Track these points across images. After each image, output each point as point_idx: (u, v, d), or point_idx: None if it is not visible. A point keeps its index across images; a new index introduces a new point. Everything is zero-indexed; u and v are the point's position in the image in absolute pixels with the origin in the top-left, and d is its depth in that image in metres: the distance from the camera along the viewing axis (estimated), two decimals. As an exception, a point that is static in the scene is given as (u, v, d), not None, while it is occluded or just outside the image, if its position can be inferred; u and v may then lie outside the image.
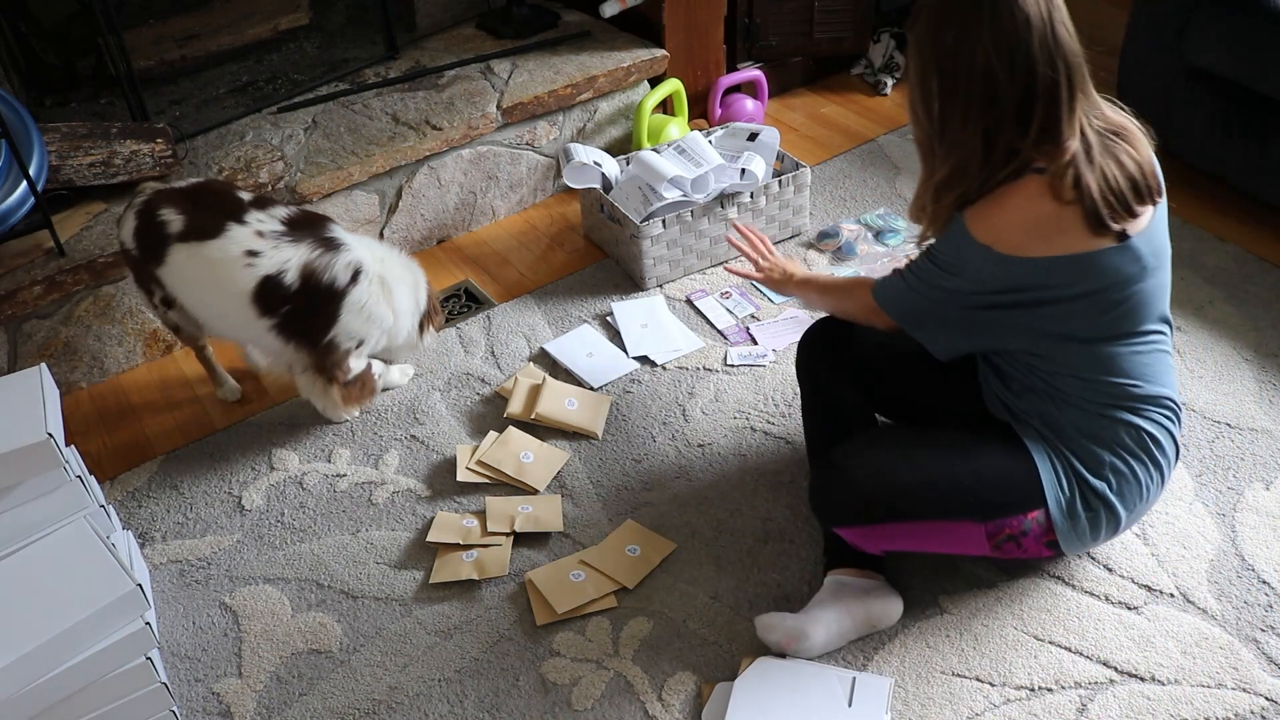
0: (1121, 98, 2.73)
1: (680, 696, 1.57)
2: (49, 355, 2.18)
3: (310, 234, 1.89)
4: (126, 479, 2.02)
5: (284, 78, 2.74)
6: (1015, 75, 1.35)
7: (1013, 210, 1.40)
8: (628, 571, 1.75)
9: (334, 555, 1.84)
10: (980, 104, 1.37)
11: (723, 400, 2.11)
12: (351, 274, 1.90)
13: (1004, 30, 1.33)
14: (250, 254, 1.84)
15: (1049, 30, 1.35)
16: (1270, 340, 2.15)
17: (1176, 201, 2.60)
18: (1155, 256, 1.44)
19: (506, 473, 1.94)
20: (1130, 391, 1.50)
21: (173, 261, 1.87)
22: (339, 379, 1.98)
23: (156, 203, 1.88)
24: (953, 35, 1.36)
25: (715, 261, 2.47)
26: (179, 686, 1.64)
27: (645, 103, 2.70)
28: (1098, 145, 1.40)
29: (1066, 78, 1.36)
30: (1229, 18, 2.36)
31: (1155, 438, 1.52)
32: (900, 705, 1.54)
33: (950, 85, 1.39)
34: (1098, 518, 1.52)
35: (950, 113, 1.41)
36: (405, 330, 2.04)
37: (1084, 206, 1.37)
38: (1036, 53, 1.34)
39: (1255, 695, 1.52)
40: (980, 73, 1.35)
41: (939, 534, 1.55)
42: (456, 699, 1.59)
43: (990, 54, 1.34)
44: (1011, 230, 1.40)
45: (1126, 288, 1.43)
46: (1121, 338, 1.47)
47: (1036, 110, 1.36)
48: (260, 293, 1.85)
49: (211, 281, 1.86)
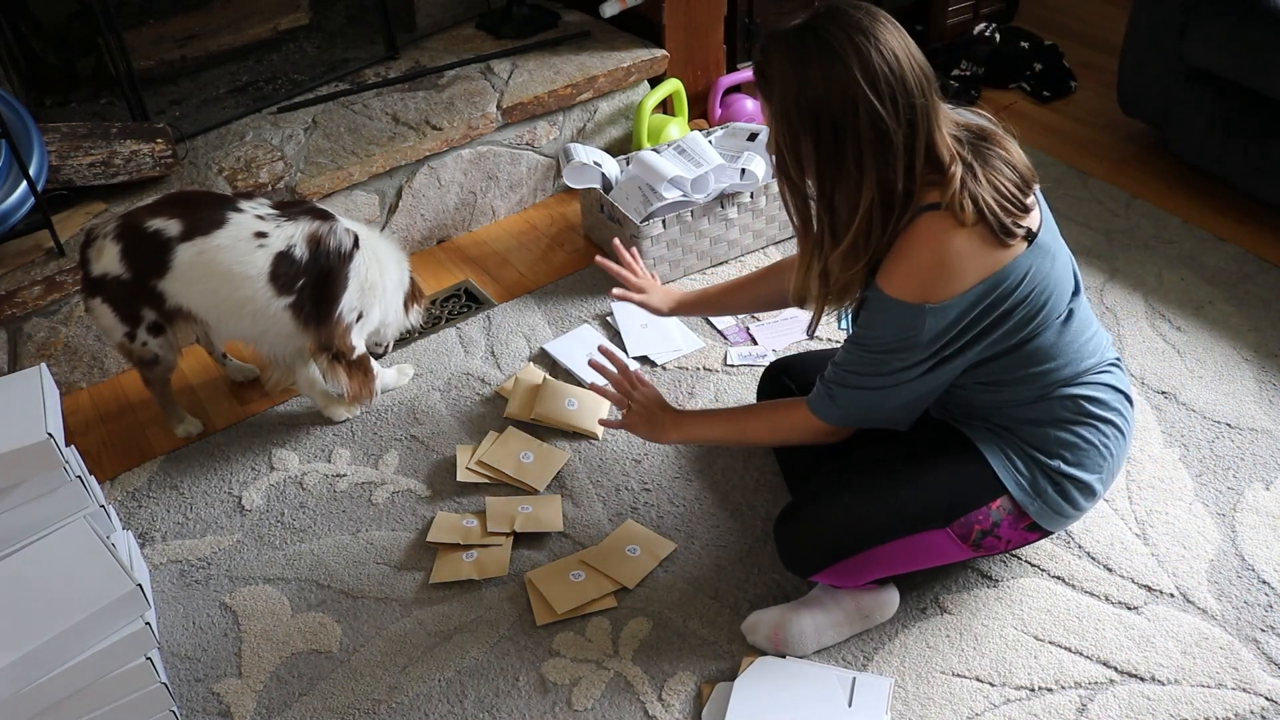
0: (1121, 98, 2.77)
1: (680, 696, 1.57)
2: (49, 355, 2.18)
3: (303, 210, 1.93)
4: (126, 479, 2.02)
5: (284, 78, 2.74)
6: (900, 114, 1.28)
7: (926, 255, 1.32)
8: (628, 571, 1.75)
9: (334, 555, 1.84)
10: (872, 153, 1.30)
11: (723, 400, 2.10)
12: (353, 239, 1.94)
13: (878, 70, 1.27)
14: (259, 235, 1.86)
15: (913, 59, 1.30)
16: (1270, 340, 2.15)
17: (1177, 201, 2.61)
18: (1055, 239, 1.41)
19: (506, 473, 1.94)
20: (1060, 374, 1.46)
21: (179, 265, 1.84)
22: (347, 354, 1.99)
23: (135, 220, 1.84)
24: (821, 88, 1.28)
25: (715, 261, 2.47)
26: (179, 686, 1.64)
27: (645, 103, 2.70)
28: (975, 159, 1.35)
29: (933, 100, 1.32)
30: (1229, 18, 2.36)
31: (1093, 398, 1.48)
32: (900, 705, 1.54)
33: (831, 140, 1.30)
34: (1065, 490, 1.49)
35: (837, 171, 1.32)
36: (394, 307, 2.08)
37: (988, 223, 1.31)
38: (913, 85, 1.28)
39: (1255, 695, 1.52)
40: (864, 120, 1.28)
41: (910, 550, 1.53)
42: (456, 699, 1.59)
43: (871, 98, 1.27)
44: (936, 276, 1.32)
45: (1047, 281, 1.39)
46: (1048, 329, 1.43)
47: (921, 144, 1.30)
48: (276, 271, 1.86)
49: (226, 273, 1.85)
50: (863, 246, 1.36)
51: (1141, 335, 2.19)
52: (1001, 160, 1.36)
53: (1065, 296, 1.43)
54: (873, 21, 1.30)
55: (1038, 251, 1.36)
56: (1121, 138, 2.88)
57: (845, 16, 1.30)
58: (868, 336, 1.41)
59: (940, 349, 1.38)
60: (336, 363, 1.99)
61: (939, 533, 1.50)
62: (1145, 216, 2.56)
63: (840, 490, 1.56)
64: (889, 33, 1.29)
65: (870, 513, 1.52)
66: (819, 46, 1.28)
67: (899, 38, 1.30)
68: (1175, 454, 1.91)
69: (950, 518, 1.49)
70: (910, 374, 1.40)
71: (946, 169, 1.32)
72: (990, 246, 1.32)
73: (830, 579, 1.59)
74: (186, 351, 2.32)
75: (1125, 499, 1.83)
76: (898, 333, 1.37)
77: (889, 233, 1.35)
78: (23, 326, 2.13)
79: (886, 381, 1.42)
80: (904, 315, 1.35)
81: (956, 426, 1.54)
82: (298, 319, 1.92)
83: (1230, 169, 2.49)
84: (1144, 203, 2.60)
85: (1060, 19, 3.57)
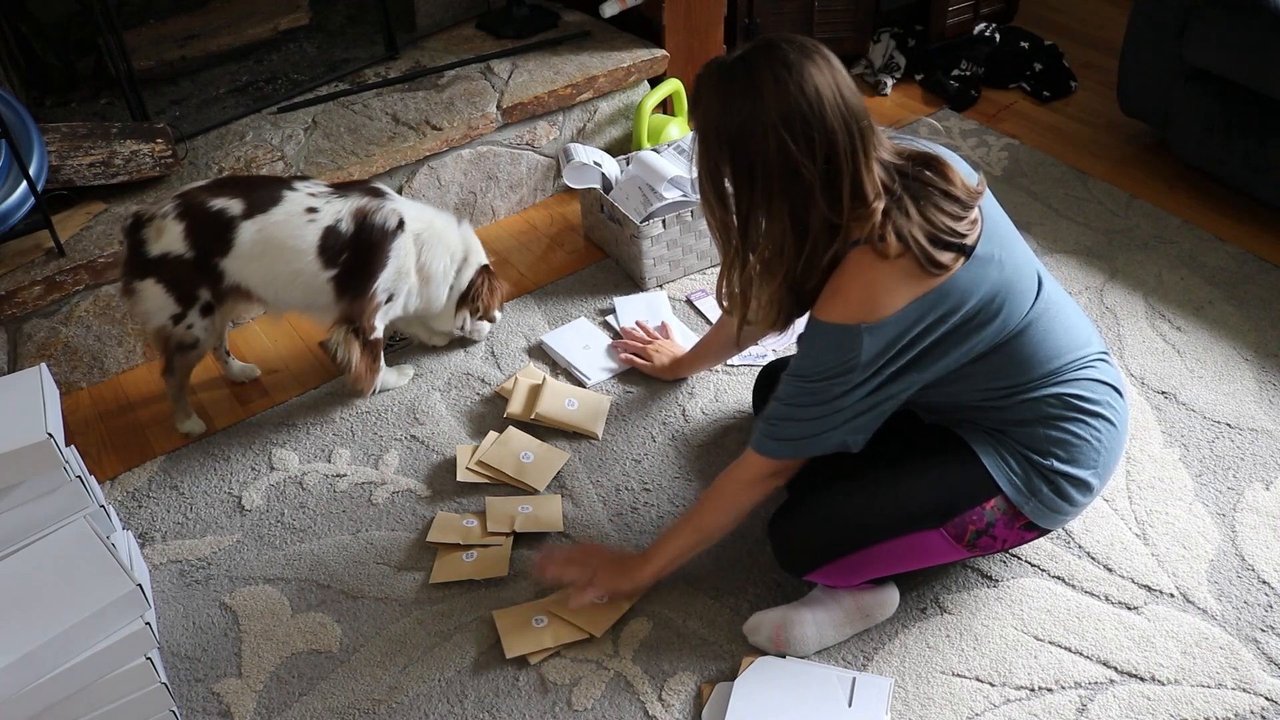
0: (1121, 98, 2.77)
1: (680, 696, 1.57)
2: (49, 355, 2.18)
3: (358, 189, 2.03)
4: (126, 479, 2.02)
5: (284, 78, 2.74)
6: (816, 151, 1.29)
7: (856, 287, 1.34)
8: (595, 619, 1.67)
9: (334, 555, 1.84)
10: (781, 186, 1.31)
11: (723, 400, 2.11)
12: (397, 221, 2.01)
13: (794, 107, 1.27)
14: (310, 210, 1.94)
15: (838, 95, 1.29)
16: (1270, 340, 2.15)
17: (1177, 201, 2.61)
18: (1000, 245, 1.40)
19: (506, 473, 1.94)
20: (1036, 373, 1.46)
21: (242, 241, 1.90)
22: (366, 333, 2.04)
23: (197, 199, 1.89)
24: (739, 115, 1.29)
25: (715, 261, 2.47)
26: (179, 686, 1.64)
27: (645, 103, 2.70)
28: (905, 190, 1.35)
29: (862, 141, 1.31)
30: (1229, 18, 2.36)
31: (1078, 395, 1.48)
32: (900, 705, 1.54)
33: (745, 171, 1.32)
34: (1060, 487, 1.49)
35: (750, 198, 1.35)
36: (439, 299, 2.14)
37: (913, 255, 1.32)
38: (831, 122, 1.28)
39: (1255, 695, 1.52)
40: (774, 154, 1.29)
41: (904, 551, 1.53)
42: (456, 699, 1.59)
43: (783, 133, 1.27)
44: (867, 302, 1.33)
45: (996, 289, 1.38)
46: (1015, 333, 1.43)
47: (844, 181, 1.31)
48: (324, 244, 1.94)
49: (281, 248, 1.92)
50: (777, 268, 1.39)
51: (1141, 335, 2.19)
52: (939, 190, 1.36)
53: (1023, 299, 1.42)
54: (802, 57, 1.29)
55: (977, 263, 1.36)
56: (1121, 138, 2.88)
57: (775, 51, 1.30)
58: (807, 366, 1.42)
59: (881, 368, 1.38)
60: (354, 337, 2.04)
61: (933, 533, 1.51)
62: (1145, 216, 2.56)
63: (834, 490, 1.56)
64: (817, 69, 1.29)
65: (864, 513, 1.52)
66: (744, 79, 1.30)
67: (828, 75, 1.30)
68: (1175, 454, 1.92)
69: (944, 518, 1.50)
70: (852, 397, 1.40)
71: (870, 203, 1.33)
72: (918, 276, 1.33)
73: (825, 578, 1.59)
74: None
75: (1125, 499, 1.83)
76: (836, 356, 1.37)
77: (805, 259, 1.37)
78: (23, 326, 2.13)
79: (828, 410, 1.41)
80: (841, 338, 1.36)
81: (952, 428, 1.55)
82: (337, 290, 1.99)
83: (1230, 169, 2.49)
84: (1144, 203, 2.60)
85: (1060, 19, 3.57)
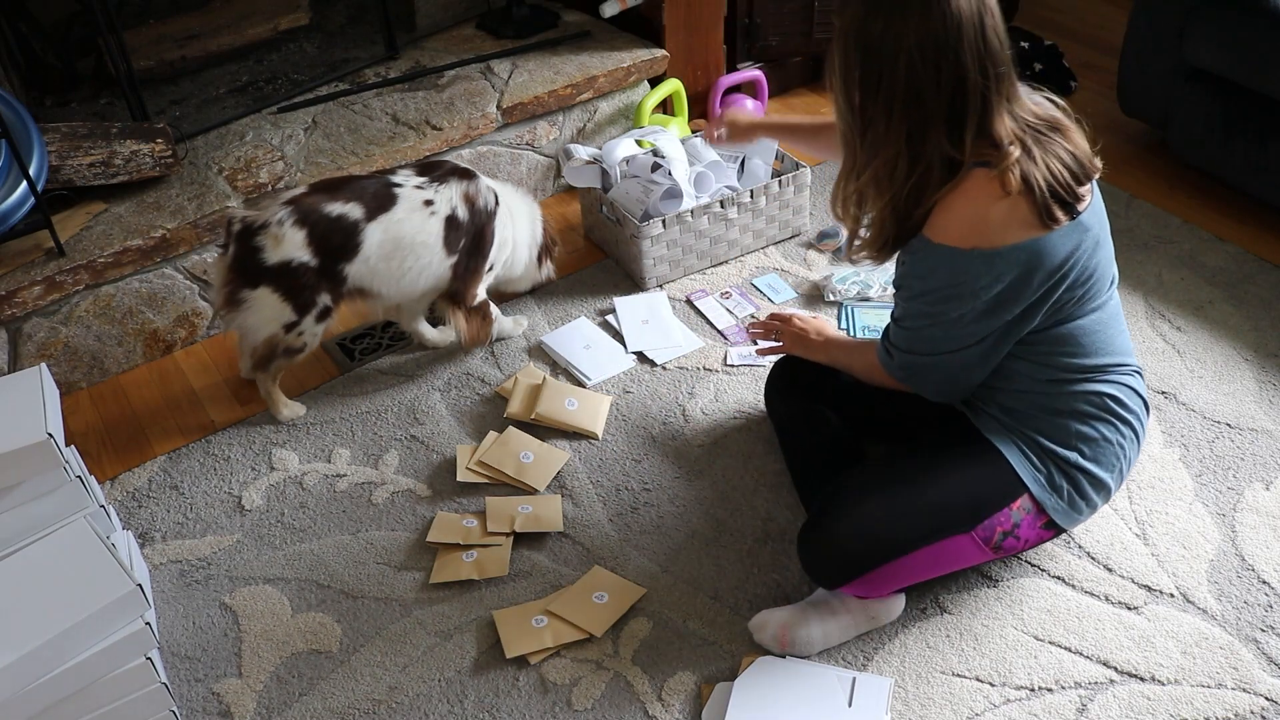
0: (1121, 98, 2.77)
1: (680, 696, 1.57)
2: (49, 355, 2.18)
3: (448, 171, 2.03)
4: (126, 479, 2.02)
5: (284, 78, 2.74)
6: (942, 79, 1.29)
7: (970, 209, 1.35)
8: (594, 619, 1.68)
9: (334, 555, 1.84)
10: (903, 106, 1.31)
11: (723, 400, 2.11)
12: (494, 198, 2.07)
13: (933, 31, 1.28)
14: (428, 203, 1.97)
15: (979, 35, 1.29)
16: (1270, 340, 2.15)
17: (1177, 201, 2.61)
18: (1101, 226, 1.44)
19: (506, 473, 1.94)
20: (1085, 364, 1.48)
21: (369, 244, 1.91)
22: (469, 302, 2.09)
23: (312, 205, 1.87)
24: (879, 28, 1.30)
25: (715, 261, 2.47)
26: (179, 686, 1.64)
27: (645, 103, 2.70)
28: (1035, 145, 1.36)
29: (996, 84, 1.32)
30: (1229, 18, 2.36)
31: (1116, 398, 1.50)
32: (900, 705, 1.54)
33: (873, 80, 1.33)
34: (1080, 485, 1.51)
35: (872, 109, 1.35)
36: (523, 260, 2.22)
37: (1034, 198, 1.33)
38: (966, 58, 1.29)
39: (1255, 695, 1.52)
40: (904, 72, 1.30)
41: (935, 558, 1.53)
42: (456, 699, 1.59)
43: (914, 54, 1.28)
44: (979, 226, 1.34)
45: (1091, 261, 1.41)
46: (1089, 312, 1.46)
47: (969, 116, 1.32)
48: (447, 235, 1.99)
49: (410, 246, 1.95)
50: (886, 188, 1.38)
51: (1141, 335, 2.19)
52: (1063, 149, 1.38)
53: (1104, 283, 1.46)
54: None
55: (1079, 228, 1.38)
56: (1121, 138, 2.88)
57: None
58: (920, 286, 1.43)
59: (995, 296, 1.38)
60: (458, 308, 2.09)
61: (963, 537, 1.51)
62: (1145, 216, 2.56)
63: (862, 500, 1.55)
64: (969, 4, 1.29)
65: (896, 522, 1.52)
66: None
67: (976, 13, 1.30)
68: (1175, 454, 1.92)
69: (974, 521, 1.50)
70: (964, 323, 1.41)
71: (1003, 146, 1.33)
72: (1031, 219, 1.34)
73: (857, 590, 1.57)
74: (187, 351, 2.33)
75: (1125, 499, 1.83)
76: (949, 278, 1.39)
77: (914, 185, 1.37)
78: (23, 326, 2.13)
79: (945, 330, 1.43)
80: (954, 260, 1.37)
81: (969, 418, 1.55)
82: (455, 273, 2.04)
83: (1230, 169, 2.49)
84: (1144, 203, 2.60)
85: (1060, 19, 3.57)
